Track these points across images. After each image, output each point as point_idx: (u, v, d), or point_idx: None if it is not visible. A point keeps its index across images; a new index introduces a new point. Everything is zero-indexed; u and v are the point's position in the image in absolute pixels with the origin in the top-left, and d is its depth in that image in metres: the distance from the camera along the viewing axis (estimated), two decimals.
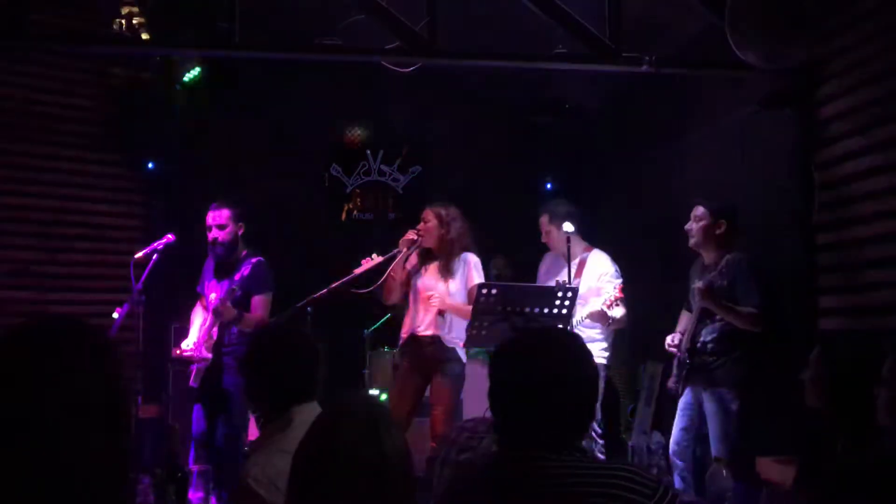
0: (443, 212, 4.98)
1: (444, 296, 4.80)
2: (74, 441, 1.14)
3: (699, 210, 4.41)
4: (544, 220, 5.32)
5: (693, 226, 4.41)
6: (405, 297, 5.03)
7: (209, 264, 5.06)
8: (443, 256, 4.92)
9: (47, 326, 1.26)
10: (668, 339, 4.52)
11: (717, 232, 4.36)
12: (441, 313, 4.87)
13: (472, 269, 4.94)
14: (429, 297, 4.79)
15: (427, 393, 5.02)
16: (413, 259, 5.01)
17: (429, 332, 4.87)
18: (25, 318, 4.60)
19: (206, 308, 4.91)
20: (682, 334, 4.49)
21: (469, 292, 4.84)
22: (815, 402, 2.59)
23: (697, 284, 4.18)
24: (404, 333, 4.97)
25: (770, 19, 3.96)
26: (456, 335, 4.85)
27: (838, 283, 4.07)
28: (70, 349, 1.21)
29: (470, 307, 4.59)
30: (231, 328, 4.74)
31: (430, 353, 4.88)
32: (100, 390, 1.18)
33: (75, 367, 1.18)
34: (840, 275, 4.07)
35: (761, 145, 4.72)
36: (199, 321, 4.99)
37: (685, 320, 4.61)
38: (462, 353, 4.95)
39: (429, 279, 4.93)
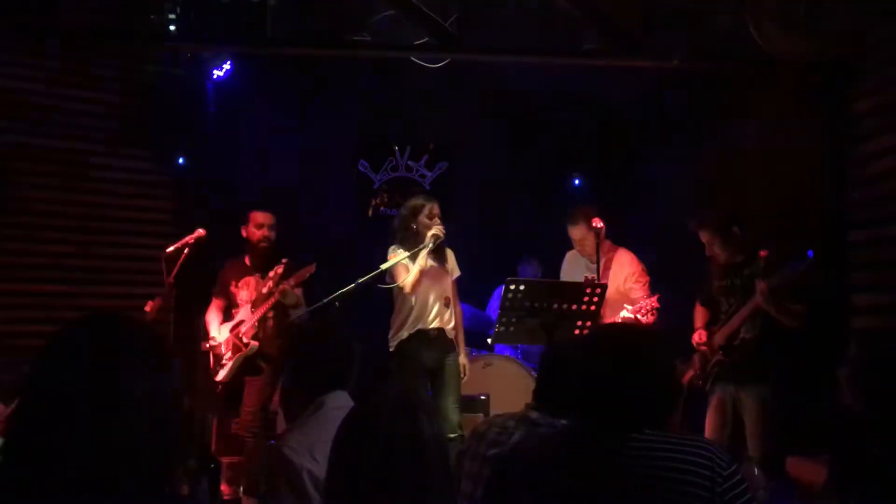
0: None
1: (464, 363, 5.00)
2: (123, 434, 1.16)
3: (704, 235, 4.39)
4: (579, 229, 5.25)
5: (715, 248, 4.39)
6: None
7: (232, 266, 5.20)
8: (440, 250, 4.94)
9: (102, 322, 1.27)
10: (696, 337, 4.48)
11: (736, 241, 4.36)
12: (446, 305, 4.93)
13: (454, 261, 5.07)
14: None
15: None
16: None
17: (435, 326, 4.90)
18: (57, 311, 4.65)
19: (220, 309, 5.19)
20: (705, 330, 4.46)
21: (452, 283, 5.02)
22: (850, 400, 2.56)
23: (762, 287, 4.10)
24: (405, 330, 4.93)
25: (787, 8, 3.92)
26: (451, 326, 4.97)
27: (872, 281, 4.03)
28: (123, 346, 1.23)
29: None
30: (266, 322, 4.98)
31: (435, 346, 4.90)
32: (153, 391, 1.20)
33: (129, 364, 1.20)
34: (873, 273, 4.02)
35: (793, 141, 4.68)
36: (217, 320, 5.14)
37: (702, 315, 4.59)
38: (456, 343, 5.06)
39: (433, 274, 4.94)
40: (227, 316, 5.21)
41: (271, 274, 4.94)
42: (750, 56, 4.47)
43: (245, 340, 4.94)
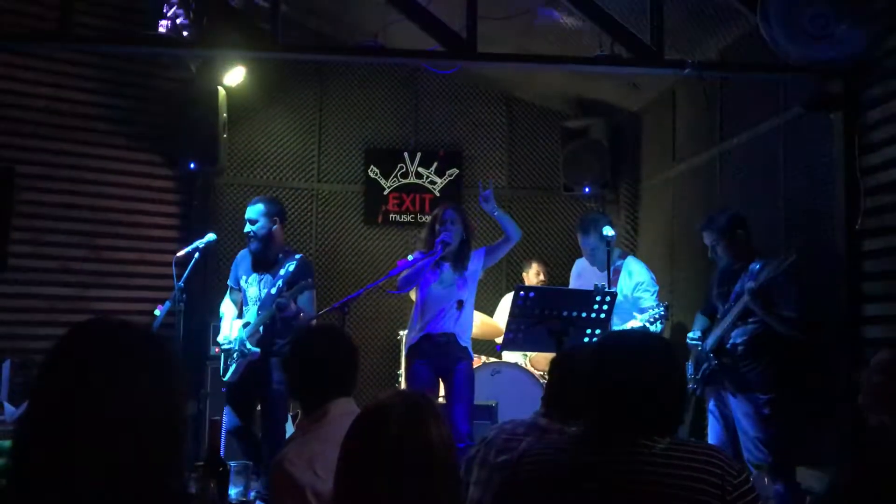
0: (464, 213, 5.08)
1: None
2: (127, 438, 1.16)
3: (709, 238, 4.42)
4: (590, 238, 5.25)
5: (718, 251, 4.41)
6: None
7: (244, 257, 5.10)
8: (461, 255, 4.94)
9: (104, 327, 1.28)
10: (690, 335, 4.50)
11: (739, 245, 4.36)
12: (458, 310, 4.91)
13: (479, 262, 5.04)
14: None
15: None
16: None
17: (444, 331, 4.89)
18: (67, 314, 4.67)
19: (234, 302, 5.02)
20: (702, 332, 4.48)
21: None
22: (871, 407, 2.55)
23: (749, 285, 4.11)
24: (414, 335, 4.94)
25: (797, 11, 3.90)
26: (465, 332, 4.94)
27: (884, 291, 3.99)
28: (129, 352, 1.23)
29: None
30: (276, 327, 4.78)
31: (445, 351, 4.88)
32: (157, 394, 1.21)
33: (133, 369, 1.21)
34: (886, 282, 3.98)
35: (804, 150, 4.65)
36: (230, 313, 5.05)
37: (700, 323, 4.60)
38: (471, 350, 5.02)
39: (445, 279, 4.94)
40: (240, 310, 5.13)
41: (281, 273, 4.84)
42: (762, 63, 4.46)
43: (248, 346, 4.73)
